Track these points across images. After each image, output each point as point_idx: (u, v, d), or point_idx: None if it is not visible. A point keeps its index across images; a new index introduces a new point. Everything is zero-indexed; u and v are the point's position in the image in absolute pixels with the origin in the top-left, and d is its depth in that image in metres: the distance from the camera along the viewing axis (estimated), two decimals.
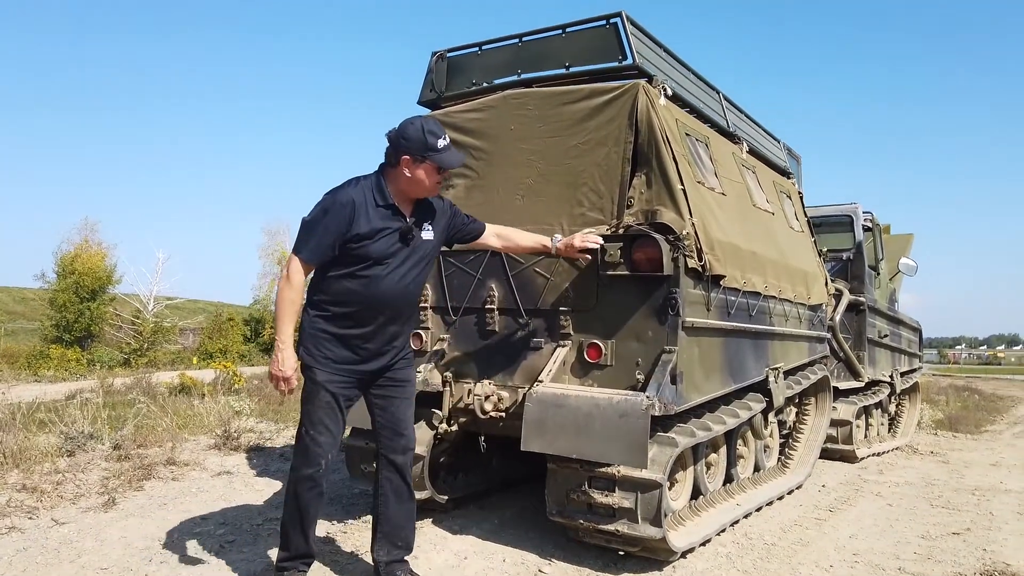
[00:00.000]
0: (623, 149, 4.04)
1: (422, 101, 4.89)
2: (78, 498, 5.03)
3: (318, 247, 3.11)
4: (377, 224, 3.15)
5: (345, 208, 3.09)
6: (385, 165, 3.26)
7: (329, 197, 3.15)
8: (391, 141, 3.22)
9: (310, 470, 3.23)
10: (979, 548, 4.41)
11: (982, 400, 19.08)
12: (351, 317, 3.19)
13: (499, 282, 4.29)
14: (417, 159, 3.17)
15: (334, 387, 3.21)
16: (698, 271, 3.92)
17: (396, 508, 3.43)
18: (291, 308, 3.11)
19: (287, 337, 3.11)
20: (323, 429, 3.22)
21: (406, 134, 3.17)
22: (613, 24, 4.17)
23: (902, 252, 9.39)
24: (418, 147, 3.16)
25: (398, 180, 3.21)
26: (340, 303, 3.17)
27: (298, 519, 3.27)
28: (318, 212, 3.12)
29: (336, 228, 3.08)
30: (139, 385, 13.65)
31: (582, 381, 3.98)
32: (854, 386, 7.43)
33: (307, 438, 3.22)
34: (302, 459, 3.24)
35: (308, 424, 3.22)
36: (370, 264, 3.16)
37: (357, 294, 3.17)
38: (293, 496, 3.27)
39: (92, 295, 26.36)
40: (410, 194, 3.27)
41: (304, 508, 3.26)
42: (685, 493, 4.36)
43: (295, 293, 3.11)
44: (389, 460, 3.42)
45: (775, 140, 6.46)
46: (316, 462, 3.23)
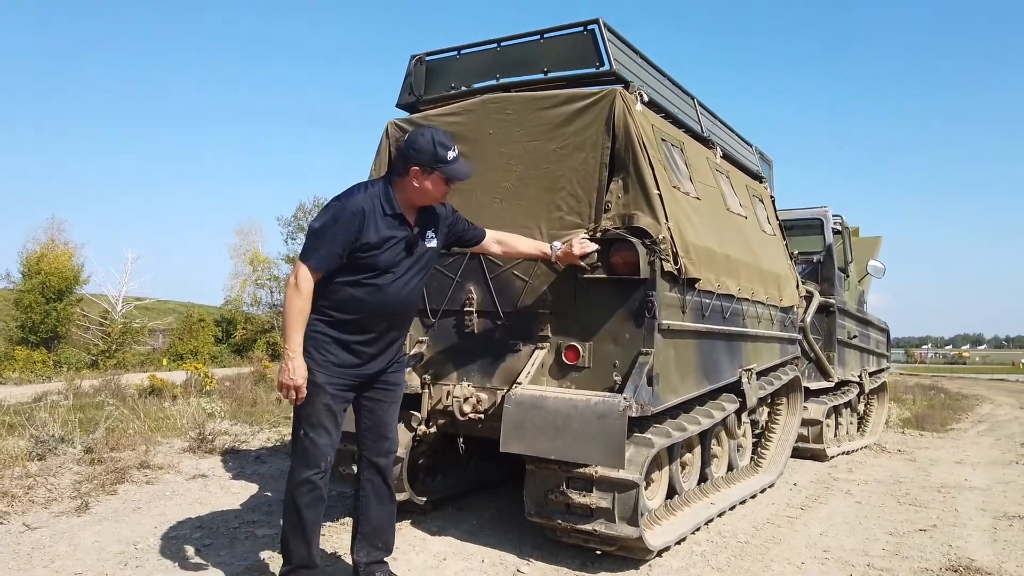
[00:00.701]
0: (600, 154, 4.09)
1: (400, 104, 4.91)
2: (50, 502, 4.98)
3: (328, 255, 3.07)
4: (385, 233, 3.15)
5: (355, 217, 3.07)
6: (393, 174, 3.25)
7: (338, 205, 3.12)
8: (400, 151, 3.24)
9: (309, 473, 3.19)
10: (945, 544, 4.53)
11: (948, 399, 19.48)
12: (355, 323, 3.19)
13: (478, 284, 4.33)
14: (427, 170, 3.17)
15: (333, 389, 3.19)
16: (674, 274, 3.99)
17: (377, 510, 3.44)
18: (301, 317, 3.07)
19: (296, 345, 3.07)
20: (323, 431, 3.19)
21: (416, 144, 3.17)
22: (591, 31, 4.23)
23: (870, 254, 9.57)
24: (428, 158, 3.16)
25: (406, 189, 3.21)
26: (344, 309, 3.16)
27: (299, 527, 3.22)
28: (327, 220, 3.08)
29: (345, 237, 3.07)
30: (108, 387, 13.45)
31: (560, 383, 4.03)
32: (824, 386, 7.57)
33: (306, 441, 3.18)
34: (301, 463, 3.20)
35: (307, 427, 3.18)
36: (377, 273, 3.16)
37: (362, 302, 3.16)
38: (292, 503, 3.21)
39: (59, 295, 25.92)
40: (417, 203, 3.27)
41: (305, 514, 3.21)
42: (661, 492, 4.43)
43: (304, 301, 3.06)
44: (372, 462, 3.42)
45: (748, 145, 6.57)
46: (316, 464, 3.19)
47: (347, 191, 3.20)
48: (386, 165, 4.76)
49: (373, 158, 4.84)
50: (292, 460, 3.26)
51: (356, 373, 3.27)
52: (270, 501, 5.14)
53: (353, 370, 3.25)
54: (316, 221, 3.12)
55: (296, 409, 3.22)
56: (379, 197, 3.16)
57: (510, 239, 3.84)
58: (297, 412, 3.22)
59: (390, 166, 3.35)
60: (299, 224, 33.83)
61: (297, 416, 3.22)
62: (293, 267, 3.12)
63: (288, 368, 3.05)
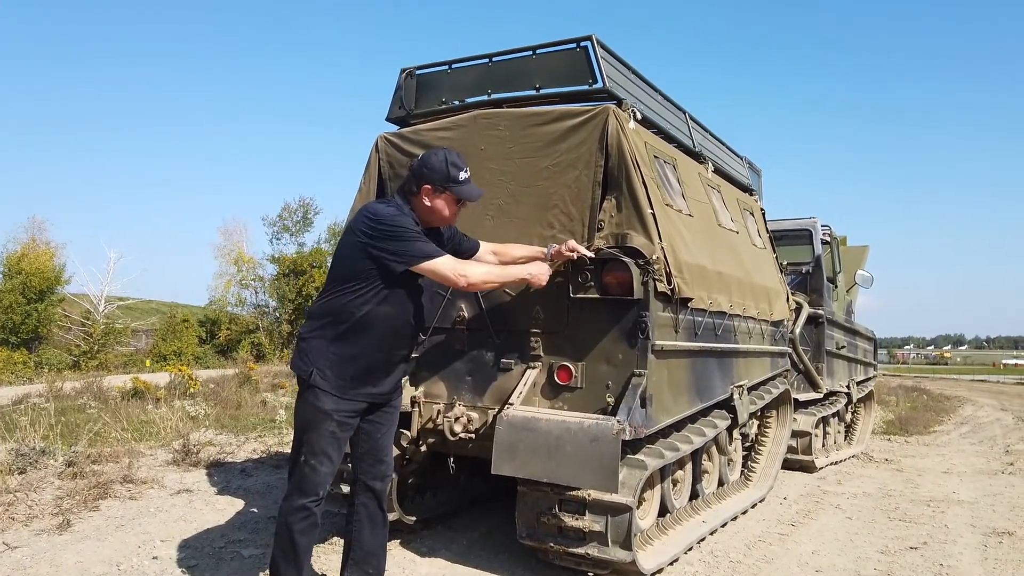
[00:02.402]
0: (593, 172, 4.05)
1: (390, 118, 4.84)
2: (31, 520, 4.88)
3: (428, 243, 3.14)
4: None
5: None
6: (404, 194, 3.29)
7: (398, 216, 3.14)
8: (413, 171, 3.27)
9: (306, 500, 3.12)
10: (936, 563, 4.53)
11: (930, 400, 19.67)
12: (377, 342, 3.16)
13: (469, 302, 4.28)
14: (438, 189, 3.23)
15: (342, 416, 3.14)
16: (667, 294, 3.95)
17: (370, 535, 3.39)
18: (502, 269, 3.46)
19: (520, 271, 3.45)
20: (325, 460, 3.13)
21: (429, 164, 3.23)
22: (583, 47, 4.18)
23: (858, 264, 9.60)
24: (440, 177, 3.22)
25: (418, 208, 3.26)
26: (367, 328, 3.12)
27: (291, 552, 3.15)
28: (403, 228, 3.11)
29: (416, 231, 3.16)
30: (90, 389, 13.30)
31: (552, 403, 3.98)
32: (813, 397, 7.58)
33: (306, 467, 3.11)
34: (298, 489, 3.13)
35: (309, 453, 3.11)
36: (402, 289, 3.17)
37: (386, 319, 3.14)
38: (285, 528, 3.14)
39: (40, 296, 25.65)
40: (428, 222, 3.29)
41: (298, 541, 3.14)
42: (652, 511, 4.40)
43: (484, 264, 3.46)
44: (368, 486, 3.37)
45: (738, 157, 6.55)
46: (315, 492, 3.13)
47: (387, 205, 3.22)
48: (376, 179, 4.70)
49: (363, 172, 4.77)
50: (289, 485, 3.18)
51: (371, 395, 3.22)
52: (256, 518, 5.07)
53: (369, 392, 3.20)
54: (396, 229, 3.09)
55: (299, 435, 3.16)
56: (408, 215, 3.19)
57: (504, 247, 3.87)
58: (299, 438, 3.16)
59: (401, 187, 3.34)
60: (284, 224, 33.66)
61: (299, 441, 3.16)
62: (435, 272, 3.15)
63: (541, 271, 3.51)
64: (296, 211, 34.19)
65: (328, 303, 3.17)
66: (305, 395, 3.14)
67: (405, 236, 3.09)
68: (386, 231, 3.09)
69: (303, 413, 3.15)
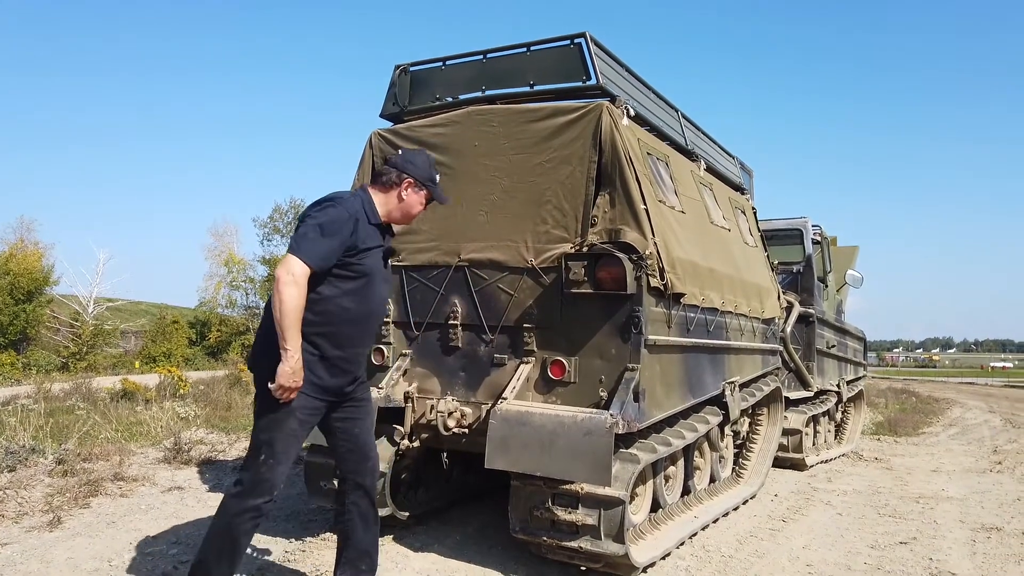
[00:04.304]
0: (587, 168, 4.08)
1: (384, 114, 4.85)
2: (21, 517, 4.86)
3: (328, 253, 2.99)
4: (370, 241, 3.14)
5: (351, 218, 3.06)
6: (375, 186, 3.28)
7: (336, 206, 3.05)
8: (394, 163, 3.29)
9: (260, 500, 3.00)
10: (925, 558, 4.56)
11: (919, 402, 19.81)
12: (340, 336, 3.09)
13: (462, 298, 4.29)
14: (419, 186, 3.29)
15: (305, 413, 3.06)
16: (660, 290, 3.97)
17: (363, 534, 3.36)
18: (300, 313, 2.91)
19: (299, 343, 2.92)
20: (284, 458, 3.04)
21: (415, 160, 3.31)
22: (577, 44, 4.20)
23: (848, 264, 9.67)
24: (424, 175, 3.30)
25: (390, 201, 3.26)
26: (330, 322, 3.06)
27: (231, 553, 3.02)
28: (327, 219, 3.00)
29: (343, 236, 3.02)
30: (79, 391, 13.24)
31: (546, 398, 4.00)
32: (804, 395, 7.62)
33: (263, 467, 3.00)
34: (252, 489, 3.00)
35: (268, 452, 3.00)
36: (363, 282, 3.12)
37: (348, 312, 3.09)
38: (229, 528, 3.00)
39: (28, 296, 25.48)
40: (394, 217, 3.30)
41: (241, 542, 3.03)
42: (645, 506, 4.41)
43: (303, 297, 2.91)
44: (357, 483, 3.33)
45: (730, 156, 6.59)
46: (269, 492, 3.02)
47: (335, 195, 3.14)
48: (369, 175, 4.70)
49: (357, 167, 4.78)
50: (242, 483, 3.02)
51: (337, 390, 3.17)
52: None
53: (335, 388, 3.15)
54: (315, 217, 3.01)
55: (258, 434, 3.03)
56: (362, 206, 3.16)
57: None
58: (259, 437, 3.03)
59: (373, 177, 3.34)
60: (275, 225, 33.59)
61: (258, 440, 3.03)
62: (284, 262, 2.91)
63: (293, 368, 2.90)
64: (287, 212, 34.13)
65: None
66: (267, 396, 3.00)
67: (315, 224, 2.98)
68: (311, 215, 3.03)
69: (265, 412, 3.03)
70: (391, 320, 4.48)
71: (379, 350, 4.50)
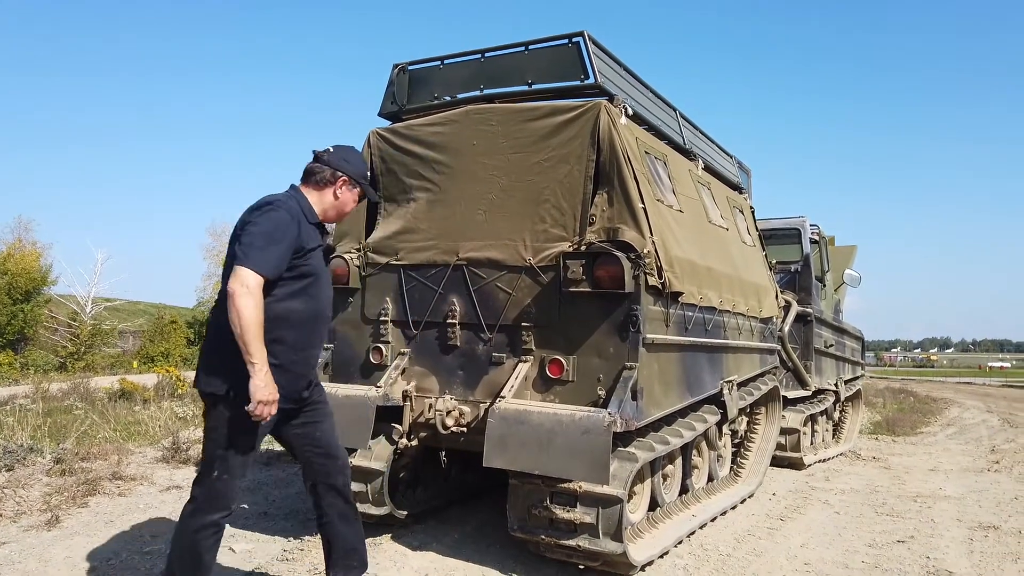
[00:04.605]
0: (585, 167, 4.08)
1: (383, 113, 4.86)
2: (19, 516, 4.86)
3: (280, 260, 2.92)
4: (313, 240, 3.10)
5: (294, 220, 3.00)
6: (308, 185, 3.22)
7: (277, 210, 2.97)
8: (327, 162, 3.21)
9: (218, 515, 2.95)
10: (923, 556, 4.57)
11: (917, 402, 19.84)
12: (293, 339, 3.03)
13: (461, 296, 4.29)
14: (352, 184, 3.27)
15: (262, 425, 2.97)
16: (658, 288, 3.98)
17: (345, 531, 3.31)
18: (260, 325, 2.82)
19: (265, 355, 2.82)
20: (240, 473, 2.99)
21: (349, 158, 3.27)
22: (575, 43, 4.21)
23: (846, 263, 9.67)
24: (357, 173, 3.28)
25: (325, 200, 3.22)
26: (283, 326, 2.98)
27: (195, 569, 2.97)
28: (272, 225, 2.92)
29: (289, 241, 2.96)
30: (77, 391, 13.24)
31: (544, 397, 4.00)
32: (802, 395, 7.63)
33: (219, 483, 2.93)
34: (209, 504, 2.94)
35: (223, 468, 2.93)
36: (310, 281, 3.07)
37: (300, 314, 3.03)
38: (191, 546, 2.94)
39: (26, 296, 25.46)
40: (328, 216, 3.27)
41: (206, 559, 2.97)
42: (643, 505, 4.42)
43: (260, 308, 2.82)
44: (329, 485, 3.27)
45: (728, 155, 6.60)
46: (227, 506, 2.97)
47: (273, 199, 3.04)
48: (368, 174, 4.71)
49: None
50: (196, 501, 2.96)
51: (295, 397, 3.09)
52: (246, 514, 5.06)
53: (292, 396, 3.07)
54: (259, 224, 2.92)
55: (213, 450, 2.95)
56: (299, 206, 3.10)
57: None
58: (214, 453, 2.95)
59: (305, 176, 3.23)
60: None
61: (213, 457, 2.95)
62: (236, 275, 2.81)
63: (263, 382, 2.80)
64: None
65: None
66: (221, 412, 2.92)
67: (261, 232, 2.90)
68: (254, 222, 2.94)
69: (221, 430, 2.93)
70: (389, 319, 4.49)
71: (378, 349, 4.50)
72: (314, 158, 3.25)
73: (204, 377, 2.99)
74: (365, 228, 4.70)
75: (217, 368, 2.94)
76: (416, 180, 4.55)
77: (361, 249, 4.64)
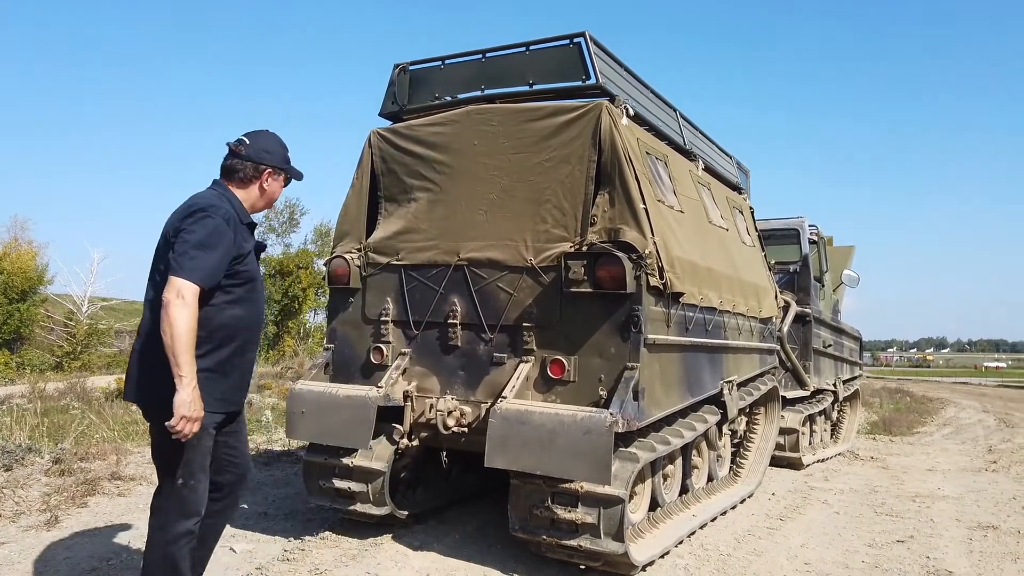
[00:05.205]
0: (586, 167, 4.09)
1: (384, 113, 4.85)
2: (18, 516, 4.85)
3: (216, 267, 2.82)
4: (248, 242, 3.02)
5: (230, 224, 2.89)
6: (232, 183, 3.07)
7: (212, 215, 2.85)
8: (248, 156, 3.05)
9: (190, 523, 2.89)
10: (923, 556, 4.58)
11: (913, 402, 19.88)
12: (237, 347, 2.96)
13: (462, 297, 4.29)
14: (277, 172, 3.14)
15: (214, 427, 2.93)
16: (659, 289, 3.99)
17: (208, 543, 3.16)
18: (194, 337, 2.72)
19: (194, 369, 2.71)
20: (202, 476, 2.92)
21: (269, 147, 3.11)
22: (577, 44, 4.21)
23: (844, 264, 9.69)
24: (279, 159, 3.13)
25: (252, 195, 3.10)
26: (225, 333, 2.91)
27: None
28: (207, 232, 2.81)
29: (226, 248, 2.85)
30: (73, 390, 13.19)
31: (545, 397, 4.01)
32: (800, 395, 7.64)
33: (186, 489, 2.86)
34: (179, 513, 2.86)
35: (186, 474, 2.86)
36: (251, 286, 3.01)
37: (241, 320, 2.96)
38: (170, 558, 2.86)
39: (22, 296, 25.33)
40: (258, 208, 3.16)
41: (182, 568, 2.89)
42: (643, 505, 4.42)
43: (195, 320, 2.72)
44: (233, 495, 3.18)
45: (727, 156, 6.61)
46: (196, 512, 2.91)
47: (203, 203, 2.90)
48: (368, 174, 4.71)
49: (355, 168, 4.78)
50: (165, 511, 2.88)
51: (236, 404, 3.04)
52: (247, 514, 5.05)
53: (235, 402, 3.01)
54: (194, 231, 2.79)
55: (170, 458, 2.86)
56: (231, 205, 2.98)
57: None
58: (172, 461, 2.86)
59: (226, 173, 3.07)
60: (270, 224, 33.49)
61: (172, 466, 2.86)
62: (171, 285, 2.70)
63: (191, 398, 2.68)
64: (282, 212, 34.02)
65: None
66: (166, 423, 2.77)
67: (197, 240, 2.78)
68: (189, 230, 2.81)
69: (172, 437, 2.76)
70: (390, 319, 4.49)
71: (378, 349, 4.50)
72: (230, 153, 3.06)
73: (140, 389, 2.92)
74: (366, 228, 4.70)
75: (152, 377, 2.82)
76: (417, 180, 4.55)
77: (362, 249, 4.64)
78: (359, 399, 4.25)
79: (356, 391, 4.32)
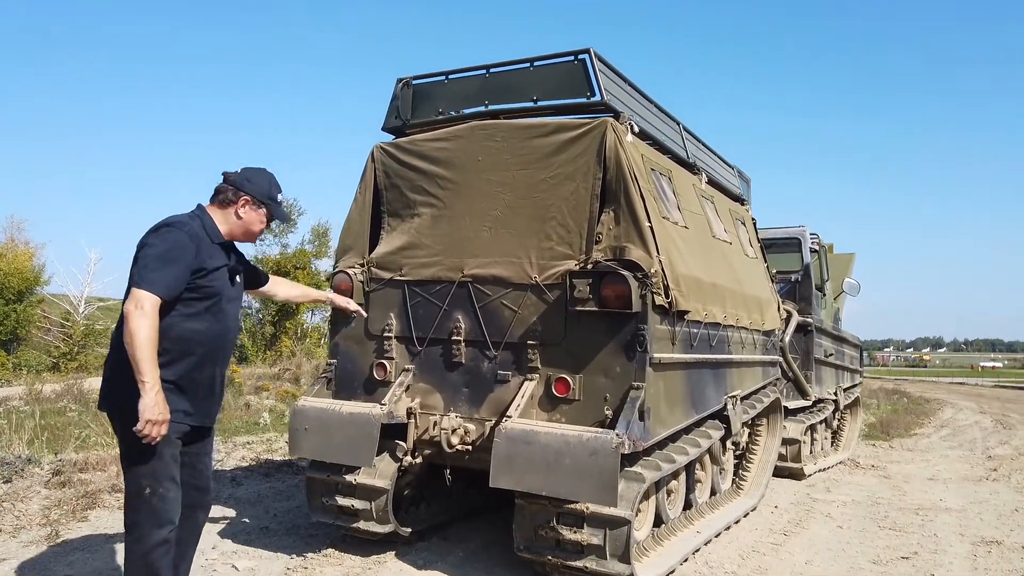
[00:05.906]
0: (591, 185, 4.06)
1: (387, 127, 4.82)
2: (18, 531, 4.82)
3: (175, 281, 2.91)
4: (215, 261, 3.08)
5: (192, 240, 2.98)
6: (213, 204, 3.22)
7: (174, 231, 2.97)
8: (232, 181, 3.21)
9: (164, 532, 2.93)
10: (928, 573, 4.57)
11: (911, 403, 19.90)
12: (199, 360, 3.03)
13: (466, 313, 4.27)
14: (257, 203, 3.23)
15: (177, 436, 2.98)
16: (665, 307, 3.97)
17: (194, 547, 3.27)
18: (154, 344, 2.80)
19: (157, 375, 2.80)
20: (172, 484, 2.96)
21: (253, 178, 3.24)
22: (581, 60, 4.18)
23: (845, 271, 9.69)
24: (260, 192, 3.23)
25: (228, 219, 3.20)
26: (185, 347, 2.98)
27: None
28: (167, 245, 2.92)
29: (186, 261, 2.95)
30: (70, 392, 13.13)
31: (550, 415, 3.98)
32: (802, 404, 7.63)
33: (155, 498, 2.91)
34: (151, 523, 2.91)
35: (153, 483, 2.90)
36: (213, 301, 3.07)
37: (203, 334, 3.03)
38: (148, 568, 2.91)
39: (19, 296, 25.25)
40: (235, 235, 3.26)
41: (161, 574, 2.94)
42: (648, 522, 4.41)
43: (154, 328, 2.81)
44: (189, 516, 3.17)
45: (729, 167, 6.59)
46: (170, 520, 2.96)
47: (172, 219, 3.04)
48: (371, 189, 4.69)
49: (359, 182, 4.75)
50: (138, 525, 2.93)
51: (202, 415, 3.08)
52: (248, 528, 5.03)
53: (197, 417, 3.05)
54: (155, 245, 2.92)
55: (136, 468, 2.93)
56: (202, 226, 3.10)
57: (288, 284, 3.99)
58: (137, 471, 2.92)
59: (212, 195, 3.22)
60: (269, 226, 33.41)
61: (137, 473, 2.92)
62: (131, 296, 2.83)
63: (157, 401, 2.77)
64: None
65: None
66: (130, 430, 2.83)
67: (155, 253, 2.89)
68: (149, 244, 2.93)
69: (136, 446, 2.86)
70: (393, 335, 4.47)
71: (381, 365, 4.48)
72: (223, 179, 3.24)
73: (108, 398, 3.02)
74: (369, 243, 4.67)
75: (119, 386, 2.90)
76: (420, 195, 4.52)
77: (365, 264, 4.61)
78: (363, 416, 4.22)
79: (359, 408, 4.29)
